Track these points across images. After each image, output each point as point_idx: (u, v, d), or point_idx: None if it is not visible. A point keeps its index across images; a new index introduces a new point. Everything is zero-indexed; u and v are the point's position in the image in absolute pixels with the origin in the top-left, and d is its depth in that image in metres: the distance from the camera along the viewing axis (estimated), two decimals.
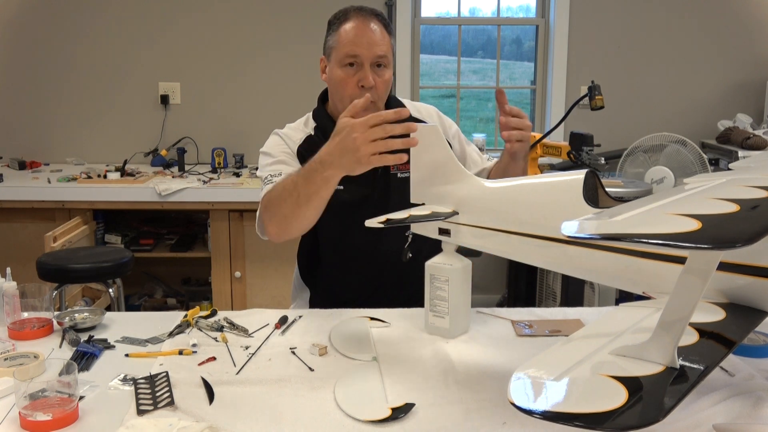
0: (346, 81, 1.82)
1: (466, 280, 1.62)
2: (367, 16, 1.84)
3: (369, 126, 1.45)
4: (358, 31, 1.82)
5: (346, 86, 1.82)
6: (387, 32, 1.86)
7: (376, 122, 1.45)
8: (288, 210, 1.65)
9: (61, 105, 4.14)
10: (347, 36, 1.82)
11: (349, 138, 1.47)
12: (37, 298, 1.68)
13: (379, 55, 1.82)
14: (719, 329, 1.13)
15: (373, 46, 1.81)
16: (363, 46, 1.80)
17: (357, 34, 1.81)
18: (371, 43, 1.81)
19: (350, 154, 1.48)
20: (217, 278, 3.64)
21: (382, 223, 1.49)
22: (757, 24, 4.19)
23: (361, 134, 1.45)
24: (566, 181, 1.40)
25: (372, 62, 1.81)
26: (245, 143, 4.06)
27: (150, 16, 4.08)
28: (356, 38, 1.81)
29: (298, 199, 1.62)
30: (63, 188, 3.54)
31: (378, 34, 1.83)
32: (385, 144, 1.45)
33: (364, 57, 1.80)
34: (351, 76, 1.82)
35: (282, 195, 1.67)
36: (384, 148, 1.45)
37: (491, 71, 4.73)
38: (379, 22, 1.85)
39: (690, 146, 3.32)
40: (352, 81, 1.82)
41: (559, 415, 0.90)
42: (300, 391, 1.34)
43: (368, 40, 1.81)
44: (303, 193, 1.61)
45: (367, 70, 1.81)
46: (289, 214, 1.66)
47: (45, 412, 1.20)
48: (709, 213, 0.93)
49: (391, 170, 1.92)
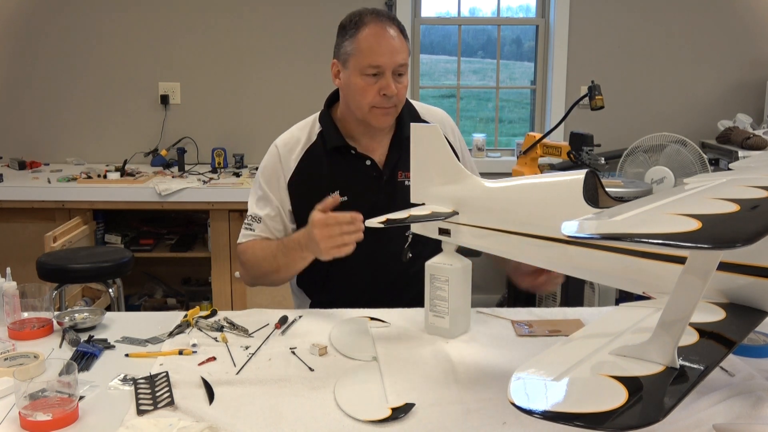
0: (367, 90, 1.82)
1: (466, 280, 1.62)
2: (384, 21, 1.83)
3: (325, 225, 1.66)
4: (378, 39, 1.80)
5: (366, 94, 1.83)
6: (404, 37, 1.86)
7: (332, 222, 1.65)
8: (264, 272, 1.88)
9: (61, 105, 4.14)
10: (368, 44, 1.81)
11: (312, 233, 1.68)
12: (37, 298, 1.68)
13: (400, 64, 1.82)
14: (719, 329, 1.13)
15: (394, 54, 1.81)
16: (385, 56, 1.80)
17: (378, 42, 1.80)
18: (392, 52, 1.81)
19: (313, 244, 1.69)
20: (217, 278, 3.64)
21: (382, 223, 1.49)
22: (757, 24, 4.19)
23: (319, 231, 1.66)
24: (566, 181, 1.40)
25: (393, 71, 1.82)
26: (245, 143, 4.06)
27: (150, 16, 4.08)
28: (378, 47, 1.80)
29: (278, 267, 1.84)
30: (63, 188, 3.54)
31: (397, 42, 1.83)
32: (341, 239, 1.65)
33: (387, 66, 1.80)
34: (372, 85, 1.82)
35: (260, 262, 1.88)
36: (339, 243, 1.65)
37: (491, 71, 4.73)
38: (397, 27, 1.85)
39: (690, 146, 3.32)
40: (373, 89, 1.82)
41: (559, 415, 0.90)
42: (300, 391, 1.34)
43: (389, 49, 1.81)
44: (282, 264, 1.83)
45: (388, 79, 1.81)
46: (267, 275, 1.88)
47: (45, 412, 1.20)
48: (709, 213, 0.93)
49: (398, 177, 1.92)
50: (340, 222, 1.65)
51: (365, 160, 1.93)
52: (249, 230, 1.94)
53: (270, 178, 1.94)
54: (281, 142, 1.97)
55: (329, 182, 1.90)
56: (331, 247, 1.66)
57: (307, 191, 1.89)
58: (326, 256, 1.68)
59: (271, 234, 1.92)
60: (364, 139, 1.93)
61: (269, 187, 1.94)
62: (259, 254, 1.88)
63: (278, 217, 1.93)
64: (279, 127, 2.11)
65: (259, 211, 1.94)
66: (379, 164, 1.93)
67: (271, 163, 1.95)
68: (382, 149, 1.94)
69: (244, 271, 1.96)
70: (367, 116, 1.86)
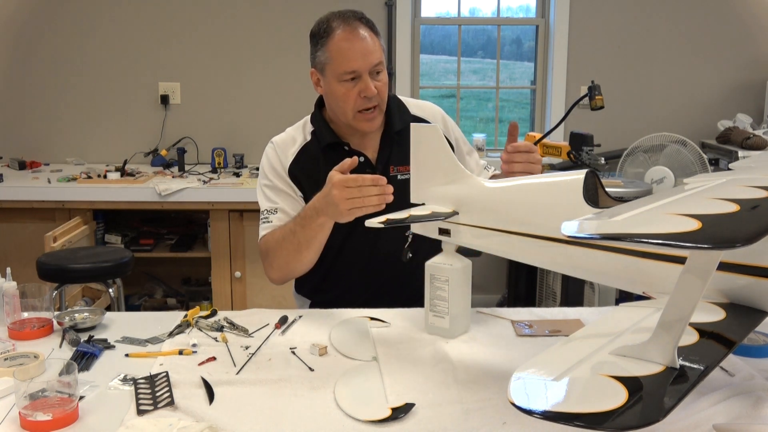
0: (348, 95, 1.82)
1: (466, 280, 1.62)
2: (352, 22, 1.82)
3: (345, 186, 1.60)
4: (350, 44, 1.80)
5: (348, 100, 1.83)
6: (375, 34, 1.84)
7: (352, 185, 1.59)
8: (289, 255, 1.80)
9: (61, 105, 4.14)
10: (339, 50, 1.80)
11: (331, 193, 1.62)
12: (37, 298, 1.68)
13: (375, 64, 1.82)
14: (719, 329, 1.13)
15: (368, 55, 1.80)
16: (359, 60, 1.79)
17: (349, 47, 1.79)
18: (366, 54, 1.80)
19: (332, 207, 1.63)
20: (217, 278, 3.64)
21: (382, 223, 1.49)
22: (757, 24, 4.19)
23: (339, 192, 1.61)
24: (566, 181, 1.40)
25: (370, 71, 1.81)
26: (245, 143, 4.06)
27: (150, 17, 4.08)
28: (350, 52, 1.79)
29: (299, 245, 1.77)
30: (63, 188, 3.54)
31: (369, 41, 1.82)
32: (361, 201, 1.59)
33: (363, 69, 1.80)
34: (352, 89, 1.82)
35: (281, 243, 1.81)
36: (359, 204, 1.59)
37: (491, 71, 4.73)
38: (365, 25, 1.83)
39: (690, 146, 3.32)
40: (353, 93, 1.82)
41: (559, 415, 0.90)
42: (300, 391, 1.34)
43: (362, 51, 1.80)
44: (302, 239, 1.76)
45: (366, 81, 1.81)
46: (291, 259, 1.81)
47: (45, 412, 1.20)
48: (709, 213, 0.94)
49: (390, 172, 1.92)
50: (360, 183, 1.59)
51: (359, 157, 1.93)
52: (267, 223, 1.89)
53: (274, 169, 1.93)
54: (277, 139, 1.98)
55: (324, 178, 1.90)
56: (352, 208, 1.59)
57: (305, 186, 1.90)
58: (347, 217, 1.62)
59: (290, 218, 1.86)
60: (355, 138, 1.94)
61: (276, 178, 1.92)
62: (279, 237, 1.82)
63: (292, 199, 1.90)
64: (279, 127, 2.11)
65: (272, 203, 1.90)
66: (372, 160, 1.94)
67: (271, 157, 1.95)
68: (374, 146, 1.95)
69: (268, 266, 1.88)
70: (352, 122, 1.86)
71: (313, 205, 1.72)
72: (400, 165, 1.91)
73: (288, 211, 1.88)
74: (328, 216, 1.68)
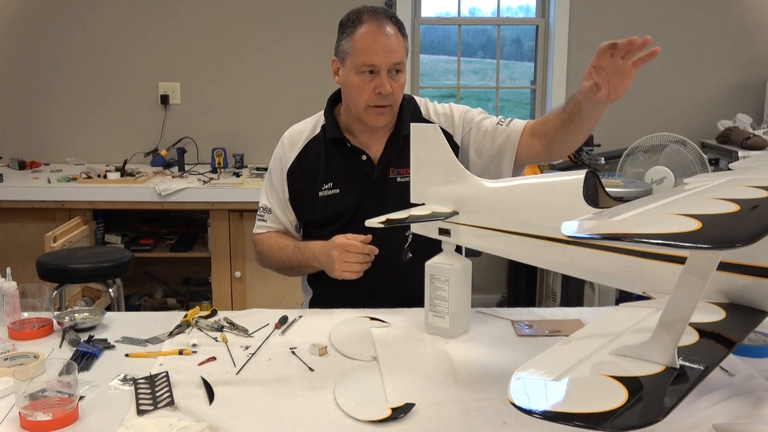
0: (362, 88, 1.83)
1: (466, 280, 1.62)
2: (381, 19, 1.83)
3: (345, 250, 1.75)
4: (374, 38, 1.81)
5: (362, 93, 1.84)
6: (402, 35, 1.86)
7: (352, 250, 1.74)
8: (280, 268, 2.01)
9: (61, 105, 4.14)
10: (363, 43, 1.81)
11: (330, 253, 1.77)
12: (37, 298, 1.68)
13: (395, 63, 1.82)
14: (719, 329, 1.13)
15: (389, 53, 1.81)
16: (380, 55, 1.80)
17: (373, 41, 1.81)
18: (388, 50, 1.81)
19: (328, 264, 1.79)
20: (217, 278, 3.63)
21: (382, 223, 1.49)
22: (757, 24, 4.19)
23: (338, 254, 1.75)
24: (566, 181, 1.40)
25: (389, 69, 1.82)
26: (245, 143, 4.06)
27: (150, 16, 4.08)
28: (373, 45, 1.81)
29: (290, 267, 1.96)
30: (63, 188, 3.54)
31: (394, 40, 1.83)
32: (356, 266, 1.75)
33: (382, 65, 1.81)
34: (367, 83, 1.83)
35: (274, 254, 1.98)
36: (354, 269, 1.75)
37: (491, 71, 4.73)
38: (394, 25, 1.85)
39: (690, 146, 3.32)
40: (368, 88, 1.83)
41: (559, 415, 0.90)
42: (300, 391, 1.34)
43: (385, 47, 1.81)
44: (295, 265, 1.94)
45: (384, 78, 1.82)
46: (281, 269, 2.01)
47: (45, 412, 1.20)
48: (709, 213, 0.93)
49: (390, 174, 1.92)
50: (360, 252, 1.74)
51: (361, 155, 1.94)
52: (262, 221, 2.03)
53: (275, 166, 2.02)
54: (288, 133, 2.03)
55: (324, 173, 1.94)
56: (345, 271, 1.75)
57: (303, 180, 1.95)
58: (338, 276, 1.77)
59: (281, 224, 2.02)
60: (363, 135, 1.95)
61: (275, 175, 2.01)
62: (275, 251, 1.98)
63: (282, 207, 2.00)
64: (279, 128, 2.12)
65: (267, 202, 2.03)
66: (374, 160, 1.94)
67: (277, 153, 2.03)
68: (378, 146, 1.95)
69: (260, 260, 2.07)
70: (362, 115, 1.88)
71: (313, 252, 1.86)
72: (401, 167, 1.91)
73: (279, 217, 2.01)
74: (323, 267, 1.84)
